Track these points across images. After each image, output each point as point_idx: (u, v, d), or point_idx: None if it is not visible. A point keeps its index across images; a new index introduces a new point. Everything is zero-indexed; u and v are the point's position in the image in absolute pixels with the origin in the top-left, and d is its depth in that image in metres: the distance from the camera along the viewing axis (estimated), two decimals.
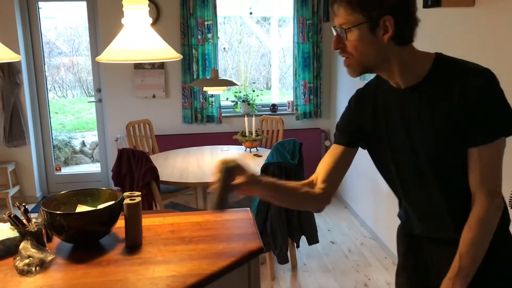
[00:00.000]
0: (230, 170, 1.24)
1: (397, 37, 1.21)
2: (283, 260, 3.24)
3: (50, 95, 6.17)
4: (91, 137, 7.23)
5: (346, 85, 4.77)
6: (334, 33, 1.28)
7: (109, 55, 1.59)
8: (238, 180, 1.32)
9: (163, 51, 1.60)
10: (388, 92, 1.35)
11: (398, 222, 3.67)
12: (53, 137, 5.53)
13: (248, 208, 1.89)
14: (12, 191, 4.86)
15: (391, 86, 1.33)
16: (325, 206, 1.48)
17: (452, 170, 1.29)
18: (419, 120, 1.29)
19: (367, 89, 1.45)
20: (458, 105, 1.22)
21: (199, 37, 4.92)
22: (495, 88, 1.21)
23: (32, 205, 4.85)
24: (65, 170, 6.38)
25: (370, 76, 1.43)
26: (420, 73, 1.27)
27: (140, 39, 1.58)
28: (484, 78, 1.21)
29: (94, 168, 6.61)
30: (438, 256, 1.41)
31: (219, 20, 5.14)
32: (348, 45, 1.24)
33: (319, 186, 1.46)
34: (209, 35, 4.94)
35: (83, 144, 7.19)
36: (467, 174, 1.28)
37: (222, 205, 1.25)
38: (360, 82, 4.23)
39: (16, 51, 4.71)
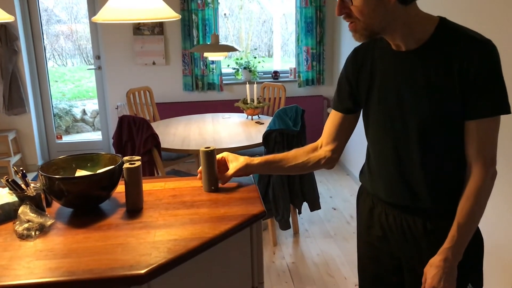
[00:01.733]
0: (208, 154, 1.39)
1: None
2: (285, 226, 3.25)
3: (50, 63, 6.10)
4: (92, 105, 7.20)
5: (349, 51, 4.68)
6: None
7: (105, 14, 1.53)
8: (231, 170, 1.56)
9: (161, 10, 1.54)
10: (387, 54, 1.32)
11: None
12: (54, 106, 5.49)
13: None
14: (14, 159, 4.85)
15: (390, 48, 1.31)
16: (333, 166, 1.57)
17: (438, 137, 1.27)
18: (415, 84, 1.26)
19: (363, 49, 1.42)
20: (456, 74, 1.20)
21: (199, 1, 4.81)
22: (495, 62, 1.19)
23: (34, 174, 4.85)
24: (66, 138, 6.37)
25: None
26: (422, 37, 1.24)
27: None
28: (485, 49, 1.19)
29: (95, 136, 6.60)
30: (400, 223, 1.40)
31: None
32: (353, 9, 1.20)
33: (324, 149, 1.55)
34: (209, 0, 4.83)
35: (84, 112, 7.16)
36: (451, 143, 1.27)
37: (212, 185, 1.44)
38: None
39: None
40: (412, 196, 1.35)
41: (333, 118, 1.54)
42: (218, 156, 1.60)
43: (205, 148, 1.63)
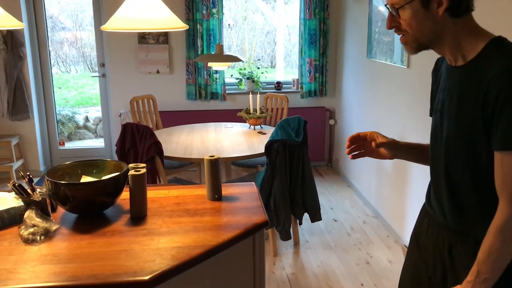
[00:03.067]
0: (212, 162, 1.45)
1: (452, 8, 1.15)
2: (285, 236, 3.25)
3: (54, 70, 6.13)
4: (95, 112, 7.22)
5: (352, 63, 4.72)
6: (387, 12, 1.24)
7: (114, 23, 1.56)
8: (381, 139, 1.46)
9: (169, 20, 1.57)
10: (445, 67, 1.32)
11: (400, 202, 3.69)
12: (57, 112, 5.52)
13: (253, 183, 1.88)
14: (16, 164, 4.87)
15: (446, 63, 1.30)
16: None
17: (460, 159, 1.25)
18: (451, 101, 1.25)
19: (440, 60, 1.42)
20: (482, 96, 1.14)
21: (204, 11, 4.86)
22: None
23: (36, 179, 4.86)
24: (69, 145, 6.39)
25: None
26: (469, 54, 1.19)
27: (146, 7, 1.55)
28: (510, 77, 1.09)
29: (97, 143, 6.62)
30: (435, 237, 1.39)
31: None
32: (402, 23, 1.20)
33: None
34: (214, 10, 4.87)
35: (87, 119, 7.18)
36: (474, 169, 1.24)
37: (216, 193, 1.47)
38: (366, 60, 4.19)
39: None
40: (441, 212, 1.35)
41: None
42: (367, 132, 1.51)
43: (210, 156, 1.65)
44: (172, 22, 1.58)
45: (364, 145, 1.52)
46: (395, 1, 1.19)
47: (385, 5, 1.24)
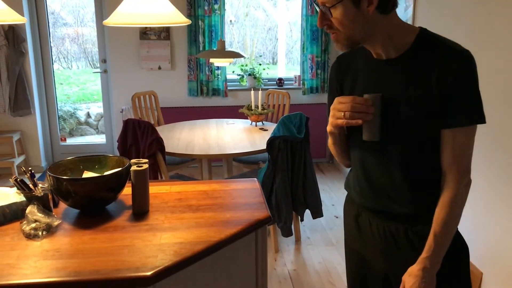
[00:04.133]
0: (380, 99, 1.27)
1: (382, 5, 1.19)
2: (287, 233, 3.25)
3: (55, 66, 6.13)
4: (96, 108, 7.22)
5: None
6: (318, 10, 1.25)
7: (116, 18, 1.55)
8: None
9: (171, 15, 1.56)
10: (368, 62, 1.34)
11: None
12: (58, 108, 5.51)
13: (256, 178, 1.87)
14: (18, 160, 4.87)
15: (371, 56, 1.32)
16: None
17: (416, 145, 1.28)
18: (394, 92, 1.28)
19: (346, 58, 1.43)
20: (434, 83, 1.21)
21: (206, 8, 4.84)
22: (473, 71, 1.21)
23: (37, 175, 4.86)
24: (70, 141, 6.39)
25: None
26: (402, 46, 1.26)
27: (148, 2, 1.54)
28: (463, 59, 1.20)
29: (99, 139, 6.62)
30: (384, 231, 1.40)
31: None
32: (334, 21, 1.22)
33: None
34: (216, 6, 4.86)
35: (88, 115, 7.18)
36: (429, 151, 1.28)
37: (378, 134, 1.29)
38: None
39: None
40: (393, 202, 1.35)
41: None
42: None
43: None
44: (174, 17, 1.57)
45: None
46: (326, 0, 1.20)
47: (315, 3, 1.25)
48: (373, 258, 1.46)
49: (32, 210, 1.46)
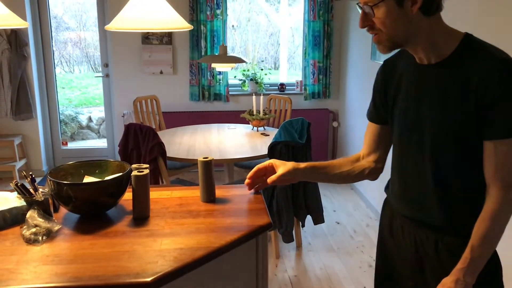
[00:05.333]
0: (206, 164, 1.36)
1: (426, 6, 1.16)
2: (288, 239, 3.24)
3: (57, 70, 6.14)
4: (98, 112, 7.23)
5: (356, 65, 4.71)
6: (360, 11, 1.23)
7: (118, 23, 1.55)
8: (279, 172, 1.48)
9: (174, 20, 1.56)
10: (411, 66, 1.32)
11: None
12: (60, 112, 5.52)
13: None
14: (19, 164, 4.87)
15: (414, 61, 1.30)
16: (377, 177, 1.56)
17: (451, 154, 1.26)
18: (432, 98, 1.26)
19: (392, 61, 1.42)
20: (473, 91, 1.17)
21: (208, 12, 4.86)
22: None
23: (38, 179, 4.86)
24: (72, 145, 6.39)
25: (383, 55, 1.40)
26: (444, 51, 1.23)
27: (151, 7, 1.54)
28: (506, 68, 1.15)
29: (100, 143, 6.62)
30: (414, 238, 1.39)
31: None
32: (376, 21, 1.20)
33: (367, 160, 1.53)
34: (218, 11, 4.87)
35: (90, 119, 7.19)
36: (465, 162, 1.25)
37: (211, 195, 1.43)
38: (371, 62, 4.17)
39: None
40: (425, 211, 1.34)
41: (370, 129, 1.52)
42: (265, 163, 1.55)
43: (203, 158, 1.64)
44: (177, 22, 1.57)
45: (265, 175, 1.56)
46: None
47: (357, 4, 1.23)
48: (403, 263, 1.45)
49: (32, 215, 1.45)
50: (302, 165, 1.50)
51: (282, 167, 1.50)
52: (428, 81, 1.27)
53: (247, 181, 1.59)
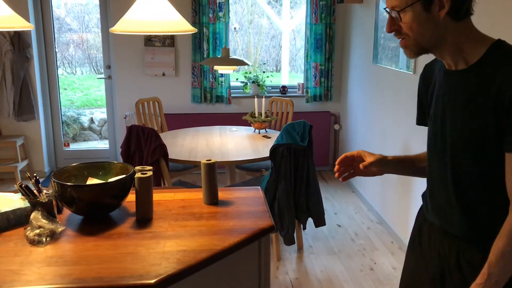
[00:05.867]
0: (209, 166, 1.35)
1: (454, 11, 1.14)
2: (289, 241, 3.24)
3: (59, 71, 6.15)
4: (100, 114, 7.24)
5: (358, 68, 4.71)
6: (387, 16, 1.23)
7: (123, 26, 1.56)
8: (369, 159, 1.43)
9: (178, 23, 1.57)
10: (442, 72, 1.31)
11: (405, 208, 3.66)
12: (62, 113, 5.53)
13: (259, 187, 1.87)
14: (21, 165, 4.88)
15: (445, 66, 1.29)
16: None
17: (470, 162, 1.23)
18: (455, 105, 1.24)
19: (431, 65, 1.41)
20: (493, 99, 1.13)
21: (210, 15, 4.87)
22: None
23: (40, 180, 4.87)
24: (74, 146, 6.40)
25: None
26: (472, 58, 1.20)
27: (155, 10, 1.55)
28: None
29: (102, 145, 6.63)
30: (438, 247, 1.38)
31: None
32: (403, 26, 1.19)
33: None
34: (221, 14, 4.88)
35: (92, 121, 7.20)
36: (485, 171, 1.22)
37: (214, 197, 1.39)
38: (372, 66, 4.18)
39: None
40: (448, 220, 1.32)
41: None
42: (354, 152, 1.50)
43: (207, 160, 1.65)
44: (181, 25, 1.58)
45: (352, 165, 1.51)
46: (395, 3, 1.17)
47: (385, 9, 1.22)
48: (426, 272, 1.43)
49: (36, 216, 1.46)
50: (389, 157, 1.48)
51: (371, 156, 1.46)
52: (453, 87, 1.25)
53: (336, 167, 1.51)
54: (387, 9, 1.21)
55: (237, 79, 5.56)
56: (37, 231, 1.42)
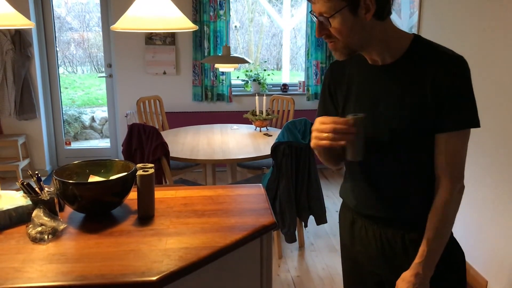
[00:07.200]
0: (363, 120, 1.25)
1: (378, 12, 1.20)
2: (291, 239, 3.25)
3: (60, 70, 6.16)
4: (101, 112, 7.24)
5: None
6: (315, 20, 1.25)
7: (124, 23, 1.56)
8: None
9: (179, 20, 1.57)
10: (363, 68, 1.34)
11: None
12: (63, 112, 5.54)
13: (261, 184, 1.87)
14: (22, 163, 4.89)
15: (366, 62, 1.33)
16: None
17: (410, 149, 1.29)
18: (389, 97, 1.29)
19: (340, 64, 1.43)
20: (429, 89, 1.23)
21: (211, 13, 4.86)
22: (467, 76, 1.23)
23: (42, 178, 4.87)
24: (75, 145, 6.41)
25: None
26: (397, 52, 1.27)
27: (156, 7, 1.55)
28: (456, 64, 1.22)
29: (103, 143, 6.64)
30: (380, 238, 1.39)
31: None
32: (332, 30, 1.22)
33: None
34: (221, 12, 4.88)
35: (93, 119, 7.20)
36: (424, 157, 1.29)
37: (361, 154, 1.28)
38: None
39: None
40: (389, 208, 1.35)
41: None
42: None
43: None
44: (182, 22, 1.58)
45: None
46: (323, 10, 1.19)
47: (312, 14, 1.24)
48: (368, 264, 1.46)
49: (38, 214, 1.46)
50: None
51: None
52: (383, 81, 1.30)
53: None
54: (315, 14, 1.23)
55: (238, 77, 5.55)
56: (39, 228, 1.42)
